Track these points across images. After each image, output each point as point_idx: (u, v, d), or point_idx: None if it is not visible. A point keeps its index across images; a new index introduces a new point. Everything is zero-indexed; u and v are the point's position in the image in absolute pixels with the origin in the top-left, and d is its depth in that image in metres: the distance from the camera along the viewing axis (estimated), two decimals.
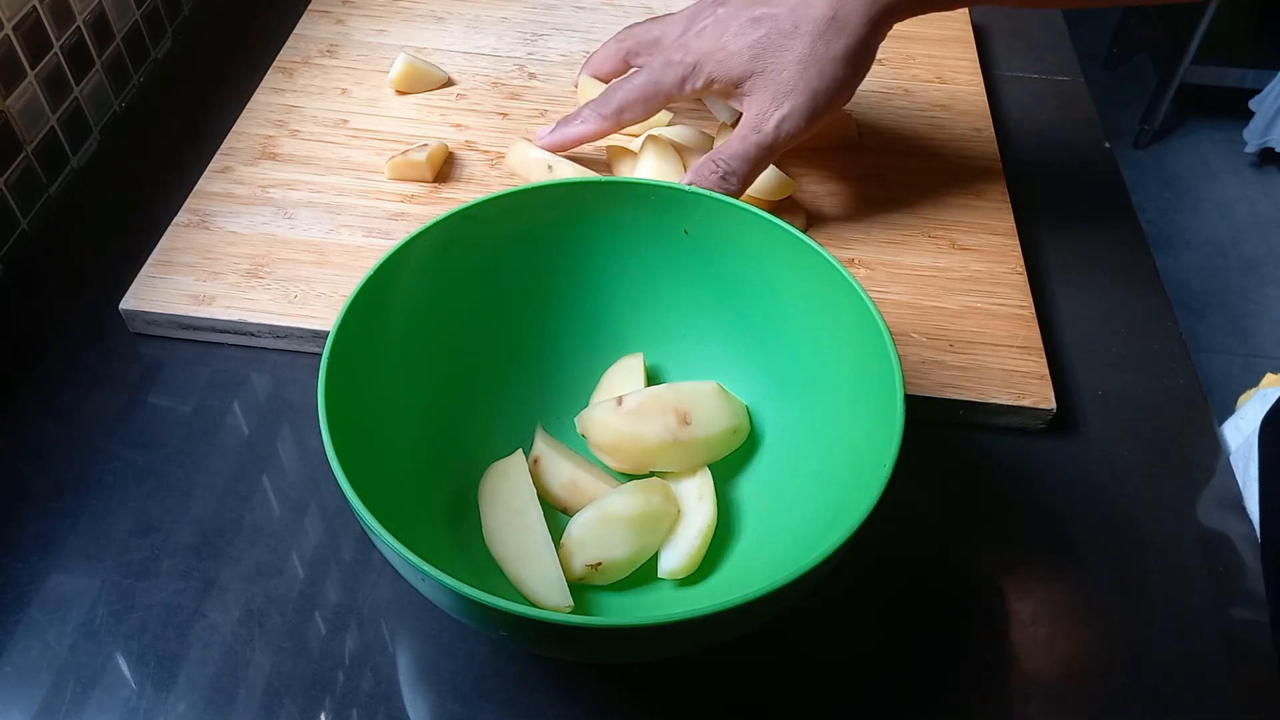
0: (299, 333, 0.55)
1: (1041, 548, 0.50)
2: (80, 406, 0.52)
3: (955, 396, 0.53)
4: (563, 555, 0.43)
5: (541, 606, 0.41)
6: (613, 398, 0.46)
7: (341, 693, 0.43)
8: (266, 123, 0.66)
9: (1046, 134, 0.73)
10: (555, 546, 0.43)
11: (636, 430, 0.45)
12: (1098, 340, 0.59)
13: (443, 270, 0.46)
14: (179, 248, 0.58)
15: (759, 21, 0.54)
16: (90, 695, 0.42)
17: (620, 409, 0.46)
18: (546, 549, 0.43)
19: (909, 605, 0.47)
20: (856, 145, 0.68)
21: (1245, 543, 0.50)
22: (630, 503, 0.44)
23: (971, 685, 0.45)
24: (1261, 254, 1.96)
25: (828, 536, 0.35)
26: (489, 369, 0.49)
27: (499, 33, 0.75)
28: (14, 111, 0.59)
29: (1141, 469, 0.53)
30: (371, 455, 0.40)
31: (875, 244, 0.61)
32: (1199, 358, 1.73)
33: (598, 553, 0.43)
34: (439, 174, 0.63)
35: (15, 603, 0.45)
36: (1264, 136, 2.04)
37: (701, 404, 0.46)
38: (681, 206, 0.47)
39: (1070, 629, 0.47)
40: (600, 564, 0.43)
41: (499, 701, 0.43)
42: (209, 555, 0.47)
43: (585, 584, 0.44)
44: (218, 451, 0.51)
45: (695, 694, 0.44)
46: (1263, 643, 0.47)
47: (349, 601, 0.46)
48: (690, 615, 0.33)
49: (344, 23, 0.75)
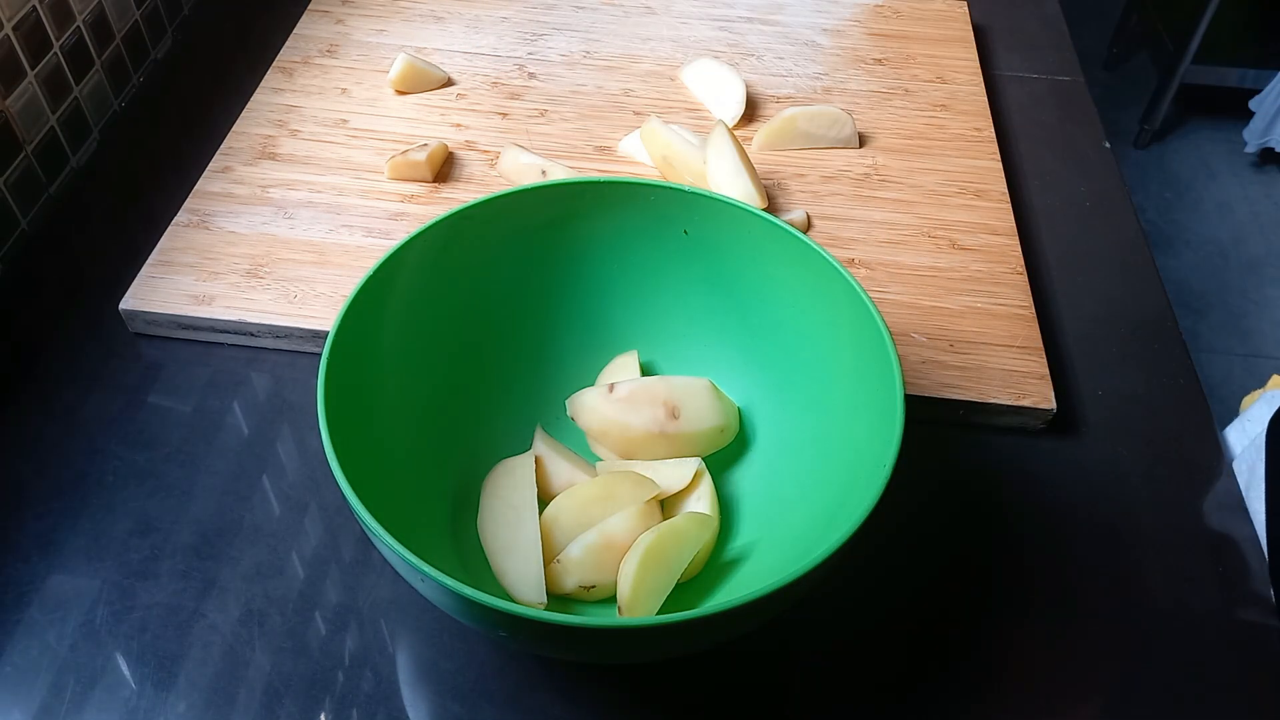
0: (299, 333, 0.55)
1: (1041, 547, 0.50)
2: (80, 406, 0.52)
3: (955, 396, 0.53)
4: (557, 570, 0.43)
5: (518, 600, 0.42)
6: (606, 384, 0.47)
7: (341, 693, 0.43)
8: (266, 122, 0.66)
9: (1046, 134, 0.73)
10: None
11: (625, 419, 0.46)
12: (1098, 340, 0.59)
13: (442, 270, 0.46)
14: (179, 248, 0.58)
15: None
16: (90, 695, 0.42)
17: (611, 396, 0.46)
18: (534, 547, 0.43)
19: (909, 605, 0.47)
20: (856, 145, 0.68)
21: (1246, 543, 0.50)
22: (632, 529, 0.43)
23: (971, 684, 0.45)
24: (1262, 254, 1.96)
25: (828, 536, 0.35)
26: (488, 368, 0.49)
27: (499, 33, 0.75)
28: (14, 111, 0.59)
29: (1142, 469, 0.53)
30: (371, 455, 0.40)
31: (875, 244, 0.61)
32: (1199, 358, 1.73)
33: (594, 576, 0.43)
34: (439, 174, 0.63)
35: (15, 603, 0.45)
36: (1264, 136, 2.04)
37: (691, 399, 0.46)
38: (681, 207, 0.47)
39: (1070, 628, 0.47)
40: (594, 587, 0.43)
41: (499, 701, 0.43)
42: (209, 555, 0.47)
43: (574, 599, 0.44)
44: (218, 451, 0.51)
45: (695, 694, 0.44)
46: (1265, 643, 0.46)
47: (349, 601, 0.46)
48: (691, 616, 0.33)
49: (344, 23, 0.75)
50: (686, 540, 0.42)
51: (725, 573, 0.44)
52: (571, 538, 0.43)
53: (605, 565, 0.42)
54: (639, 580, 0.40)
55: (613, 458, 0.48)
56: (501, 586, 0.43)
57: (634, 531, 0.42)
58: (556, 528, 0.44)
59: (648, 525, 0.43)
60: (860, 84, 0.73)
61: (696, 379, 0.47)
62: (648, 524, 0.43)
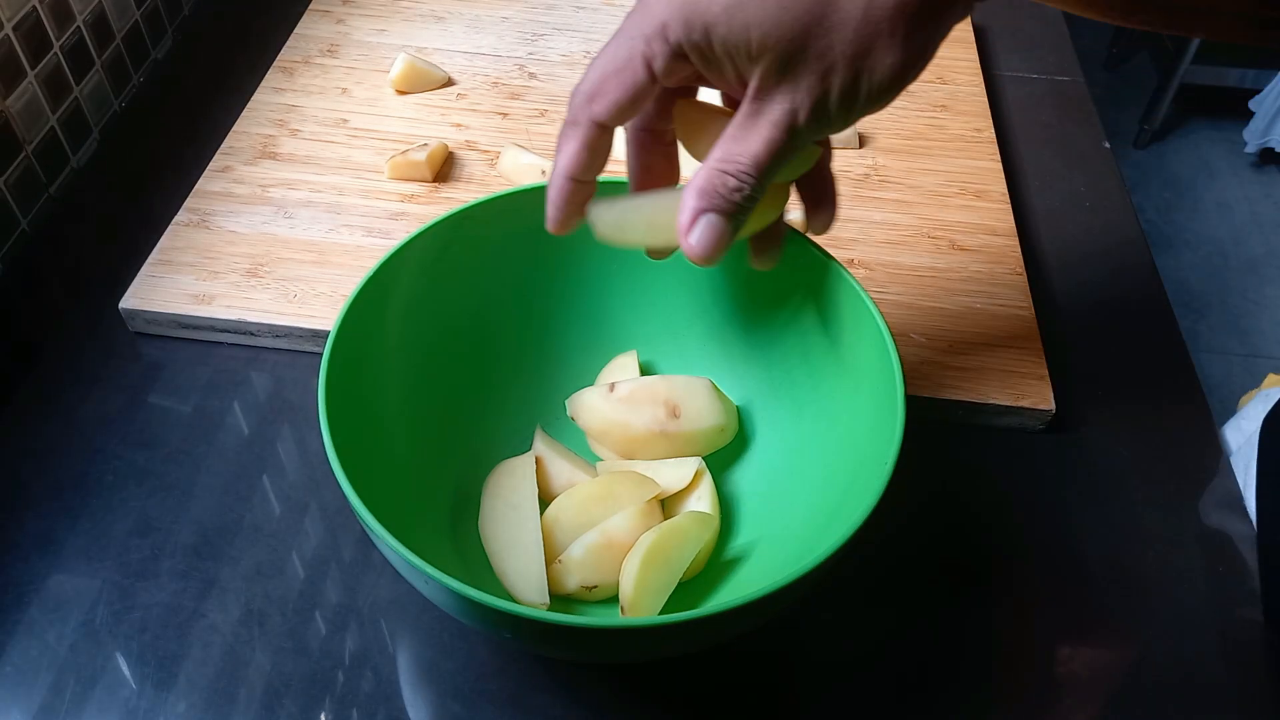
0: (299, 332, 0.55)
1: (1041, 547, 0.50)
2: (80, 406, 0.52)
3: (955, 397, 0.53)
4: (559, 571, 0.43)
5: (519, 600, 0.42)
6: (606, 384, 0.47)
7: (341, 693, 0.43)
8: (267, 122, 0.66)
9: (1046, 134, 0.73)
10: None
11: (625, 419, 0.46)
12: (1098, 340, 0.59)
13: (442, 270, 0.46)
14: (179, 247, 0.58)
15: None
16: (90, 695, 0.42)
17: (611, 396, 0.46)
18: (535, 547, 0.43)
19: (909, 605, 0.47)
20: (856, 145, 0.68)
21: (1245, 542, 0.50)
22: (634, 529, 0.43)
23: (971, 684, 0.45)
24: (1261, 254, 1.96)
25: (829, 537, 0.35)
26: (488, 368, 0.49)
27: (499, 32, 0.75)
28: (14, 111, 0.59)
29: (1141, 469, 0.53)
30: (372, 455, 0.40)
31: (875, 244, 0.61)
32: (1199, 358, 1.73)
33: (595, 577, 0.43)
34: (439, 174, 0.63)
35: (15, 603, 0.45)
36: (1264, 136, 2.04)
37: (692, 398, 0.46)
38: None
39: (1070, 628, 0.47)
40: (595, 587, 0.43)
41: (499, 701, 0.43)
42: (209, 555, 0.47)
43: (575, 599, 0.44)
44: (218, 451, 0.51)
45: (695, 693, 0.44)
46: (1263, 642, 0.47)
47: (349, 601, 0.46)
48: (692, 616, 0.33)
49: (344, 22, 0.75)
50: (688, 539, 0.42)
51: (725, 572, 0.44)
52: (573, 538, 0.43)
53: (607, 565, 0.42)
54: (641, 580, 0.40)
55: (613, 458, 0.48)
56: (503, 587, 0.43)
57: (635, 531, 0.42)
58: (557, 528, 0.44)
59: (649, 525, 0.43)
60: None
61: (697, 378, 0.47)
62: (649, 524, 0.43)
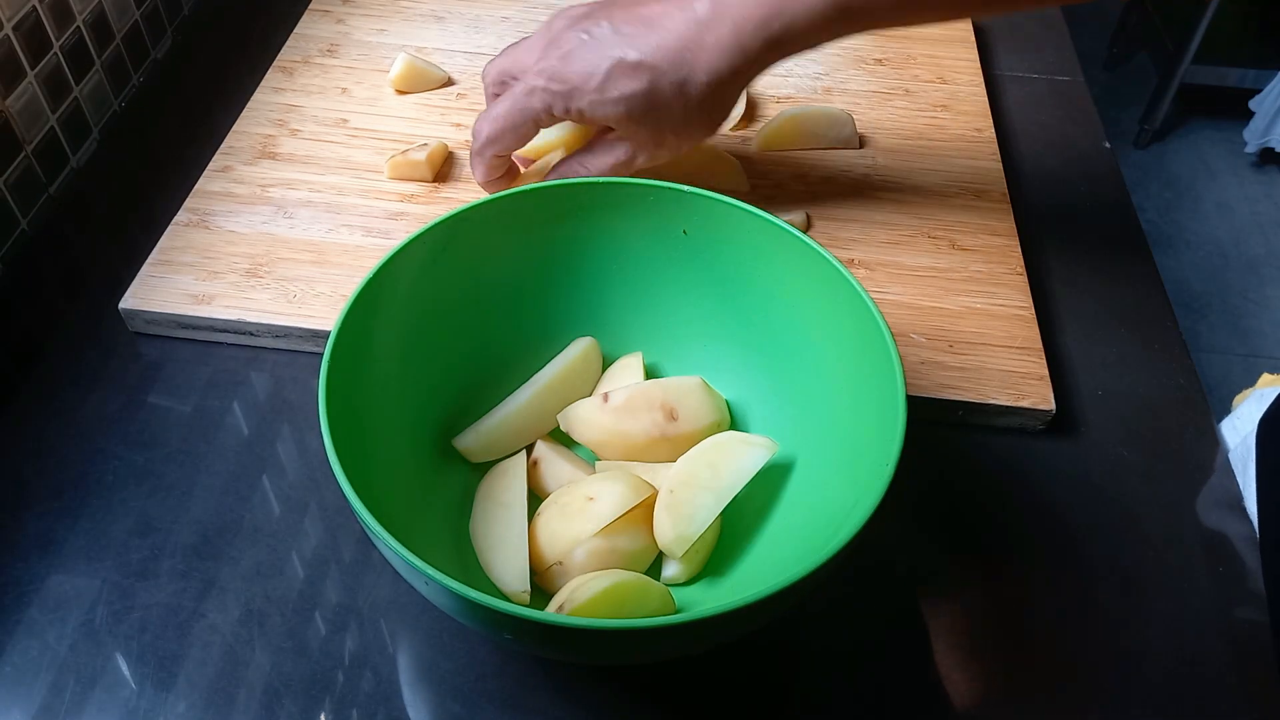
0: (299, 332, 0.55)
1: (1042, 548, 0.50)
2: (80, 406, 0.52)
3: (955, 397, 0.53)
4: (558, 573, 0.43)
5: (503, 590, 0.42)
6: (598, 395, 0.47)
7: (341, 693, 0.43)
8: (266, 122, 0.66)
9: (1046, 134, 0.73)
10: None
11: (624, 428, 0.46)
12: (1098, 340, 0.59)
13: (442, 270, 0.46)
14: (179, 247, 0.58)
15: (638, 72, 0.50)
16: (90, 695, 0.42)
17: (606, 406, 0.46)
18: (520, 538, 0.43)
19: (909, 605, 0.47)
20: (856, 145, 0.68)
21: (1245, 542, 0.50)
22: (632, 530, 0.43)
23: (970, 684, 0.45)
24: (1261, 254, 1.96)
25: (829, 538, 0.35)
26: (488, 368, 0.49)
27: (499, 32, 0.75)
28: (14, 111, 0.59)
29: (1141, 469, 0.53)
30: (371, 455, 0.40)
31: (875, 244, 0.61)
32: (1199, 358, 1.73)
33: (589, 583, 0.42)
34: (439, 174, 0.63)
35: (15, 603, 0.45)
36: (1264, 136, 2.04)
37: (686, 398, 0.46)
38: (680, 207, 0.47)
39: (1070, 628, 0.47)
40: None
41: (499, 701, 0.43)
42: (209, 555, 0.47)
43: None
44: (218, 451, 0.51)
45: (695, 693, 0.44)
46: (1263, 642, 0.47)
47: (349, 601, 0.46)
48: (693, 618, 0.33)
49: (344, 22, 0.75)
50: (647, 598, 0.41)
51: (726, 573, 0.44)
52: (566, 536, 0.43)
53: (606, 567, 0.42)
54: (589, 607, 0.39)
55: None
56: (487, 577, 0.43)
57: (636, 533, 0.43)
58: (549, 527, 0.44)
59: (646, 525, 0.43)
60: (860, 84, 0.73)
61: (688, 378, 0.47)
62: (646, 524, 0.43)
